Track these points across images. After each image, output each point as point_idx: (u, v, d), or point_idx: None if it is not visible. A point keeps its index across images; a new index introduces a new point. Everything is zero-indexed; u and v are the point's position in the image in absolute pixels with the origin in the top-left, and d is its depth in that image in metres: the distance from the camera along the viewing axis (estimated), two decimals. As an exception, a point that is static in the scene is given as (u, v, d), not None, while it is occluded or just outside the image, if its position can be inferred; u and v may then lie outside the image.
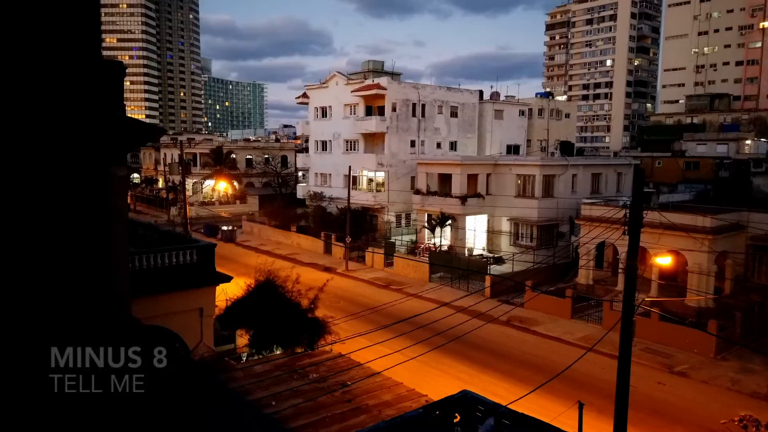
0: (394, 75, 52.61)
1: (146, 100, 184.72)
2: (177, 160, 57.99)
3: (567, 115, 67.93)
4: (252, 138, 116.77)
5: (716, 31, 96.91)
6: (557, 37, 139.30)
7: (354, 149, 49.64)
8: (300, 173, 59.96)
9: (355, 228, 41.44)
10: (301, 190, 55.39)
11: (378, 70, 54.17)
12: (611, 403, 11.73)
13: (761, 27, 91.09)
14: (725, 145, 60.91)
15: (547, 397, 16.49)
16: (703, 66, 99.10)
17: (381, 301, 27.88)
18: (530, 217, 38.49)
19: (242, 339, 18.49)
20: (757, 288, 29.31)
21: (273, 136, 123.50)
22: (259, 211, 59.59)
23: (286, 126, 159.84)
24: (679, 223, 26.90)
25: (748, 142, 62.07)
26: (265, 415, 11.31)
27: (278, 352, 17.08)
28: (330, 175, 52.22)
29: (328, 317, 19.21)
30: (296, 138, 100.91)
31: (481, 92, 54.54)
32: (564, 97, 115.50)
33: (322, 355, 16.62)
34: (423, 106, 48.52)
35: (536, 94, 70.90)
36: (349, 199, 41.36)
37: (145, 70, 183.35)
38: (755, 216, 29.76)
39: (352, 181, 43.75)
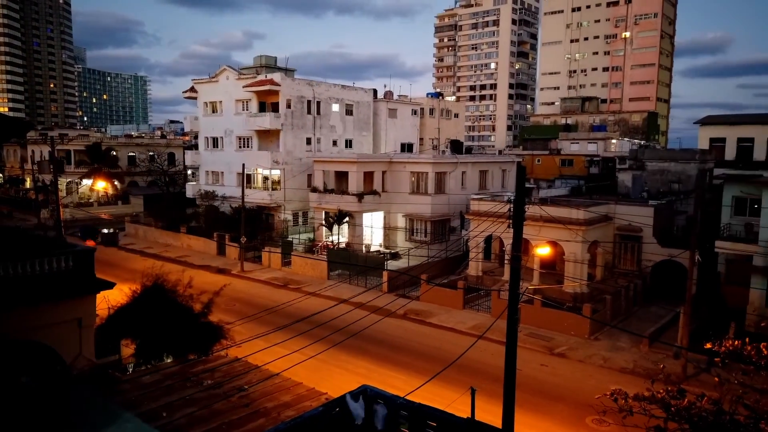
0: (287, 71, 51.81)
1: (9, 91, 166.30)
2: (48, 158, 52.84)
3: (456, 115, 70.96)
4: (135, 134, 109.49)
5: (586, 39, 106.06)
6: (446, 40, 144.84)
7: (247, 146, 48.25)
8: (189, 171, 57.18)
9: (250, 227, 40.33)
10: (191, 189, 52.84)
11: (271, 65, 53.05)
12: (501, 386, 12.47)
13: (623, 36, 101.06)
14: (595, 144, 66.88)
15: (442, 385, 17.16)
16: (575, 71, 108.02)
17: (279, 301, 27.40)
18: (424, 213, 39.77)
19: (128, 349, 17.30)
20: (623, 273, 32.57)
21: (158, 132, 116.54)
22: (145, 212, 55.99)
23: (173, 122, 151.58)
24: (557, 216, 29.16)
25: (614, 141, 68.68)
26: (154, 428, 10.68)
27: (169, 361, 16.20)
28: (222, 173, 50.36)
29: (223, 321, 18.55)
30: (184, 134, 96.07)
31: (375, 91, 55.36)
32: (453, 98, 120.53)
33: (217, 361, 16.02)
34: (318, 103, 48.28)
35: (427, 94, 73.35)
36: (243, 198, 40.15)
37: (7, 59, 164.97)
38: (621, 208, 33.01)
39: (246, 179, 42.50)
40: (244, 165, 42.01)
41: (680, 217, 36.15)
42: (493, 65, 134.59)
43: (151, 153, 72.48)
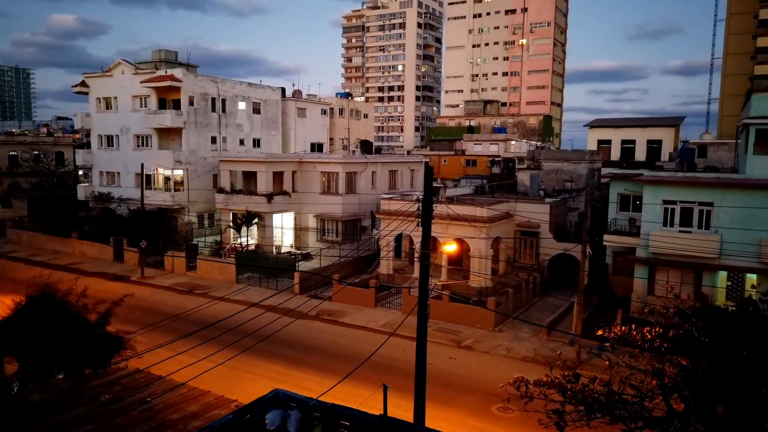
0: (190, 67, 49.61)
1: None
2: None
3: (365, 116, 71.53)
4: (16, 131, 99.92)
5: (487, 44, 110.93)
6: (353, 40, 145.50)
7: (147, 145, 45.64)
8: (81, 172, 53.02)
9: (151, 231, 38.17)
10: (83, 191, 49.09)
11: (171, 60, 50.53)
12: (413, 381, 12.76)
13: (520, 43, 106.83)
14: (496, 145, 70.18)
15: (356, 384, 17.25)
16: (477, 75, 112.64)
17: (184, 307, 26.19)
18: (335, 213, 39.73)
19: (12, 366, 15.75)
20: (523, 267, 34.46)
21: (44, 130, 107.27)
22: (29, 217, 51.25)
23: (60, 118, 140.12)
24: (462, 215, 30.28)
25: (513, 142, 72.45)
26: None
27: (61, 377, 14.94)
28: (119, 173, 47.28)
29: (123, 331, 17.42)
30: (74, 132, 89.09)
31: (283, 90, 54.46)
32: (362, 98, 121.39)
33: (116, 374, 15.03)
34: (224, 101, 46.69)
35: (336, 94, 73.34)
36: (142, 200, 37.95)
37: None
38: (520, 206, 34.90)
39: (146, 180, 40.20)
40: (143, 165, 39.70)
41: (573, 214, 38.88)
42: (400, 67, 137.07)
43: (36, 152, 66.40)
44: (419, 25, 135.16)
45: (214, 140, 46.07)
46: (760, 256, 24.77)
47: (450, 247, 30.48)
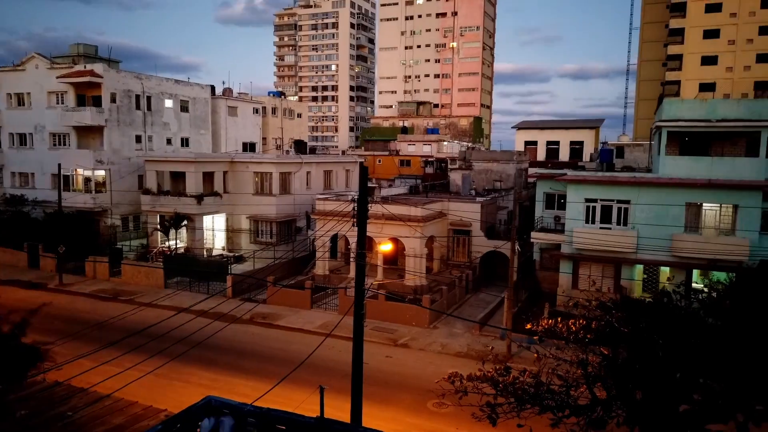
0: (111, 62, 47.17)
1: None
2: None
3: (299, 115, 70.77)
4: None
5: (419, 46, 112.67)
6: (286, 39, 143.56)
7: (65, 144, 42.99)
8: (-10, 173, 49.18)
9: (70, 235, 35.97)
10: (-7, 194, 45.58)
11: (90, 55, 47.88)
12: (349, 381, 12.76)
13: (451, 46, 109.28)
14: (429, 146, 71.43)
15: (292, 387, 17.03)
16: (410, 76, 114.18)
17: (108, 315, 24.86)
18: (269, 214, 39.04)
19: None
20: (456, 265, 35.26)
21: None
22: (-70, 222, 46.96)
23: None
24: (397, 214, 30.60)
25: (446, 143, 73.98)
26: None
27: (-31, 394, 13.80)
28: (33, 174, 44.26)
29: (40, 342, 16.33)
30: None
31: (212, 87, 52.90)
32: (296, 98, 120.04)
33: (33, 387, 14.09)
34: (149, 98, 44.74)
35: (269, 93, 72.07)
36: (60, 202, 35.72)
37: None
38: (453, 205, 35.69)
39: (64, 181, 37.85)
40: (60, 165, 37.35)
41: (503, 212, 40.21)
42: (334, 67, 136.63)
43: (-64, 151, 60.88)
44: (352, 26, 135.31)
45: (139, 139, 44.07)
46: (672, 250, 26.62)
47: (385, 247, 30.72)
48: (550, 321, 11.69)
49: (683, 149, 28.61)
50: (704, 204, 26.66)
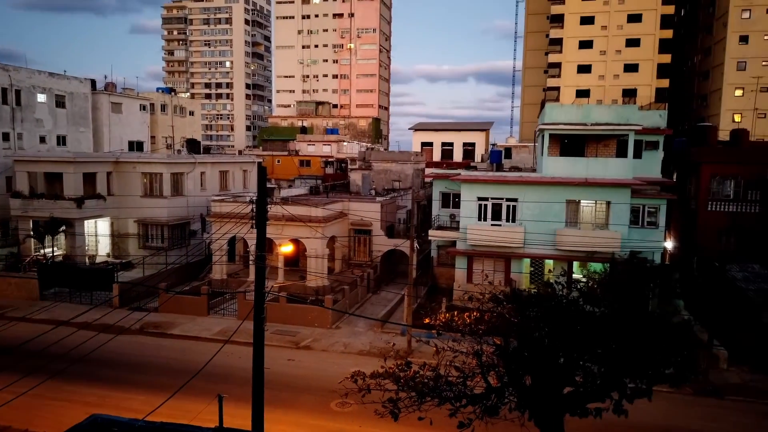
0: (-30, 50, 42.16)
1: None
2: None
3: (191, 113, 67.64)
4: None
5: (316, 46, 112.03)
6: (175, 32, 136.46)
7: None
8: None
9: None
10: None
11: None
12: (250, 388, 12.42)
13: (349, 47, 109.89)
14: (329, 146, 71.31)
15: (189, 398, 16.27)
16: (308, 76, 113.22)
17: (-29, 333, 22.20)
18: (160, 217, 36.92)
19: None
20: (358, 264, 35.54)
21: None
22: None
23: None
24: (298, 215, 30.26)
25: (345, 143, 74.28)
26: None
27: None
28: None
29: None
30: None
31: (93, 81, 49.01)
32: (187, 95, 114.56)
33: None
34: (18, 92, 40.54)
35: (157, 89, 68.17)
36: None
37: None
38: (353, 205, 35.94)
39: None
40: None
41: (402, 211, 41.16)
42: (228, 64, 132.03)
43: None
44: (247, 22, 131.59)
45: (6, 137, 39.81)
46: (556, 244, 28.73)
47: (286, 248, 30.25)
48: (447, 315, 12.16)
49: (563, 150, 30.95)
50: (582, 201, 29.05)
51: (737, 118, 53.81)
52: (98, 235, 37.05)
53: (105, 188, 36.84)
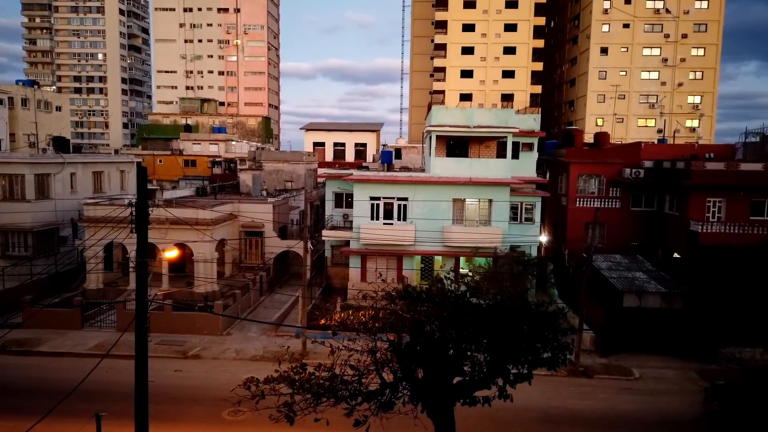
0: None
1: None
2: None
3: (59, 108, 61.77)
4: None
5: (200, 41, 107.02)
6: (38, 20, 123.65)
7: None
8: None
9: None
10: None
11: None
12: (133, 404, 11.62)
13: (235, 43, 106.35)
14: (216, 145, 68.51)
15: (63, 421, 14.88)
16: (192, 72, 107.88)
17: None
18: (23, 223, 33.25)
19: None
20: (250, 267, 34.57)
21: None
22: None
23: None
24: (183, 218, 28.77)
25: (234, 143, 71.80)
26: None
27: None
28: None
29: None
30: None
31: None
32: (53, 88, 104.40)
33: None
34: None
35: (17, 81, 61.37)
36: None
37: None
38: (244, 206, 34.89)
39: None
40: None
41: (295, 212, 40.66)
42: (101, 56, 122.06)
43: None
44: (122, 12, 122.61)
45: None
46: (444, 241, 29.96)
47: (171, 254, 28.65)
48: (342, 314, 12.24)
49: (449, 151, 32.36)
50: (467, 199, 30.57)
51: (600, 122, 59.57)
52: (-55, 245, 32.63)
53: (-47, 192, 32.53)
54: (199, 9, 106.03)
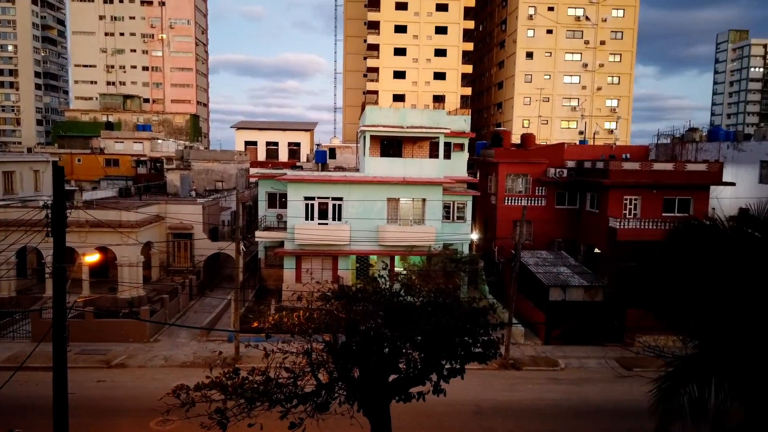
0: None
1: None
2: None
3: (-38, 103, 56.94)
4: None
5: (122, 34, 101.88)
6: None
7: None
8: None
9: None
10: None
11: None
12: (51, 419, 10.94)
13: (160, 38, 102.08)
14: (141, 144, 65.46)
15: (-32, 441, 13.74)
16: (114, 66, 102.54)
17: None
18: None
19: None
20: (178, 270, 33.37)
21: None
22: None
23: None
24: (105, 220, 27.32)
25: (160, 141, 68.89)
26: None
27: None
28: None
29: None
30: None
31: None
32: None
33: None
34: None
35: None
36: None
37: None
38: (172, 207, 33.61)
39: None
40: None
41: (226, 213, 39.61)
42: (11, 48, 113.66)
43: None
44: (35, 2, 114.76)
45: None
46: (379, 240, 30.15)
47: (91, 258, 27.10)
48: (277, 317, 12.03)
49: (383, 151, 32.59)
50: (401, 199, 30.92)
51: (526, 123, 61.95)
52: None
53: None
54: (121, 1, 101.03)
